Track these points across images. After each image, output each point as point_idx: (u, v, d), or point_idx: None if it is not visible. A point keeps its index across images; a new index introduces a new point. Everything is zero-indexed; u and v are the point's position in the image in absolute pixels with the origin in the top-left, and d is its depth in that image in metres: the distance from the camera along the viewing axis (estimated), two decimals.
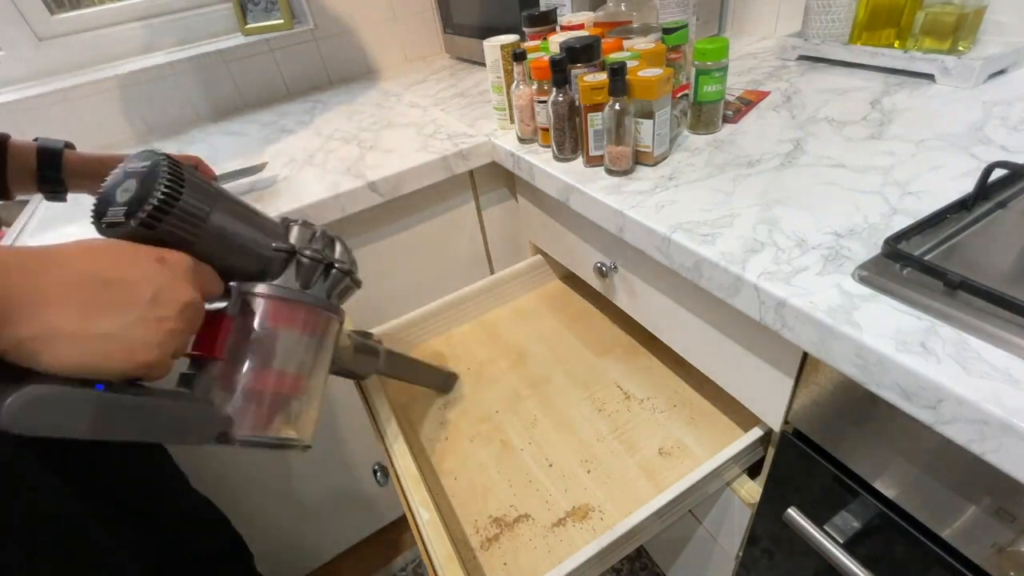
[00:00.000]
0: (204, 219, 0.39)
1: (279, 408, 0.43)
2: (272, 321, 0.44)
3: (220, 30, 1.27)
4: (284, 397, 0.44)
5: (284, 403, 0.44)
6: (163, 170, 0.37)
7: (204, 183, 0.40)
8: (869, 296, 0.40)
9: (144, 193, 0.36)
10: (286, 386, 0.44)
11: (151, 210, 0.36)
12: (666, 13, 0.86)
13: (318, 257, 0.46)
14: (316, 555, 1.09)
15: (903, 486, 0.43)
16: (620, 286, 0.71)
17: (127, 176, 0.38)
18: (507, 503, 0.62)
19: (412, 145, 0.86)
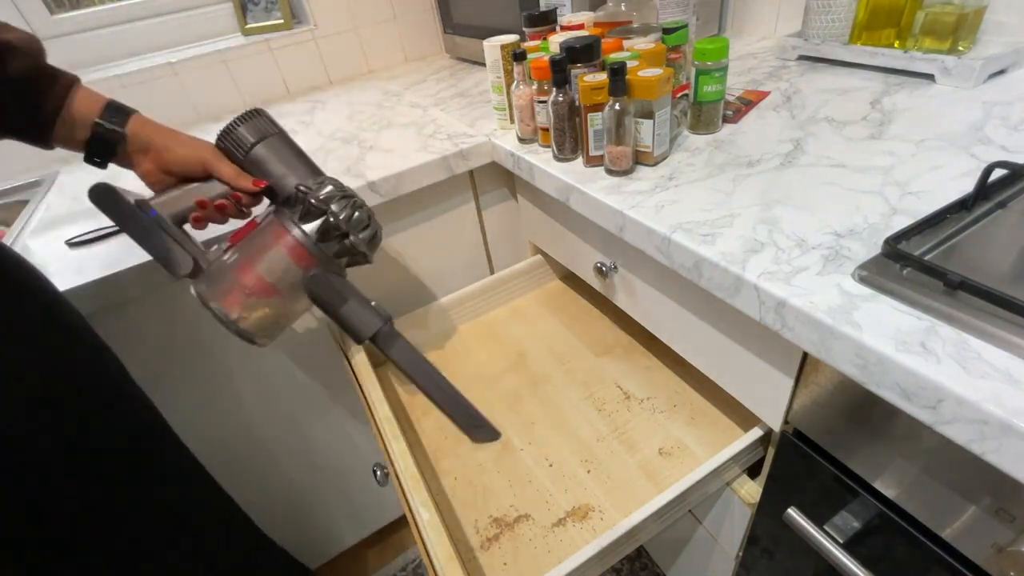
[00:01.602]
0: (247, 148, 0.59)
1: (244, 297, 0.56)
2: (271, 236, 0.58)
3: (220, 30, 1.27)
4: (251, 291, 0.56)
5: (249, 296, 0.56)
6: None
7: (263, 125, 0.61)
8: (869, 296, 0.40)
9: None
10: (258, 286, 0.57)
11: (220, 132, 0.60)
12: (666, 13, 0.86)
13: (322, 208, 0.57)
14: (316, 555, 1.09)
15: (903, 486, 0.43)
16: (620, 286, 0.71)
17: None
18: (507, 503, 0.62)
19: (412, 145, 0.86)
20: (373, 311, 0.61)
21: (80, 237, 0.74)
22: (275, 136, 0.61)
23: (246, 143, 0.59)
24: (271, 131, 0.61)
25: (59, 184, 1.00)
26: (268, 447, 0.92)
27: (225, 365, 0.81)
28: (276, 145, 0.61)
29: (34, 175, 1.06)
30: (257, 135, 0.60)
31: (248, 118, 0.59)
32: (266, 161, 0.59)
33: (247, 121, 0.60)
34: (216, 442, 0.83)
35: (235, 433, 0.87)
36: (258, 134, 0.60)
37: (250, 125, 0.60)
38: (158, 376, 0.72)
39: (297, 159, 0.62)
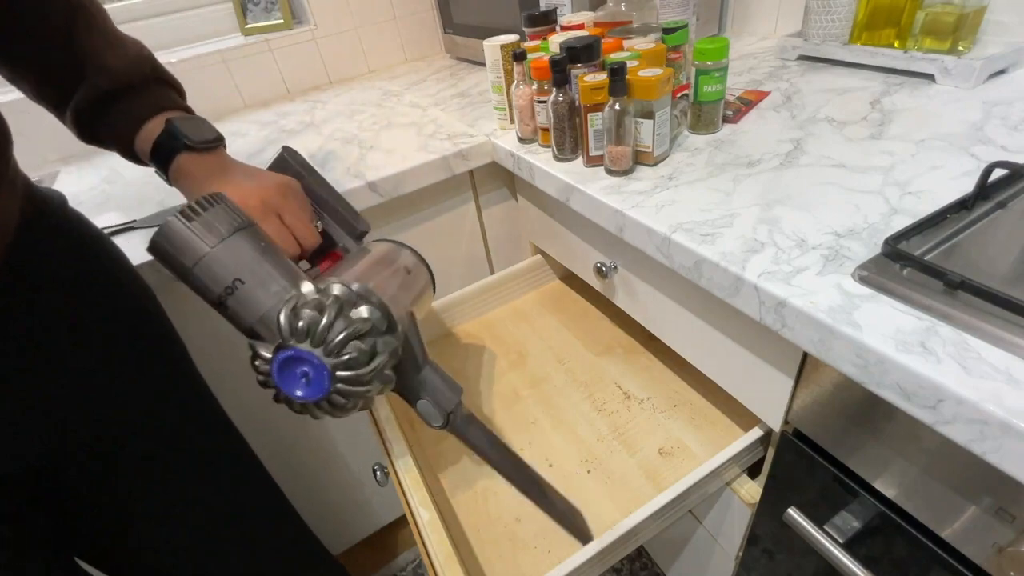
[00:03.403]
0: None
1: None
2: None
3: (220, 30, 1.27)
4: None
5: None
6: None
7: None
8: (869, 296, 0.40)
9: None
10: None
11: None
12: (666, 13, 0.86)
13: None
14: None
15: (903, 486, 0.43)
16: (620, 286, 0.71)
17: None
18: (507, 503, 0.62)
19: (412, 145, 0.86)
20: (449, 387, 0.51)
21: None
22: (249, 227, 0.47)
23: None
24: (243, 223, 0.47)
25: (59, 184, 1.00)
26: (267, 447, 0.92)
27: (224, 366, 0.81)
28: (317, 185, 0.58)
29: (34, 175, 1.06)
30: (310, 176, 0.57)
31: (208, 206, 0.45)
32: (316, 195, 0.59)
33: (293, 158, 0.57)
34: None
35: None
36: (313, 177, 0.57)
37: (311, 175, 0.57)
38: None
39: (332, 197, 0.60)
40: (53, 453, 0.48)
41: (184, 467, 0.59)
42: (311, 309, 0.41)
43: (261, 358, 0.42)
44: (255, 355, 0.43)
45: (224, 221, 0.43)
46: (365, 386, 0.43)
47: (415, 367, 0.50)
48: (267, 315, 0.42)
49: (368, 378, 0.43)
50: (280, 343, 0.41)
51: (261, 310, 0.43)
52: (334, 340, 0.41)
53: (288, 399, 0.43)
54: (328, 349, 0.41)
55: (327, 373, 0.41)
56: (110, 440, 0.52)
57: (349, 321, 0.42)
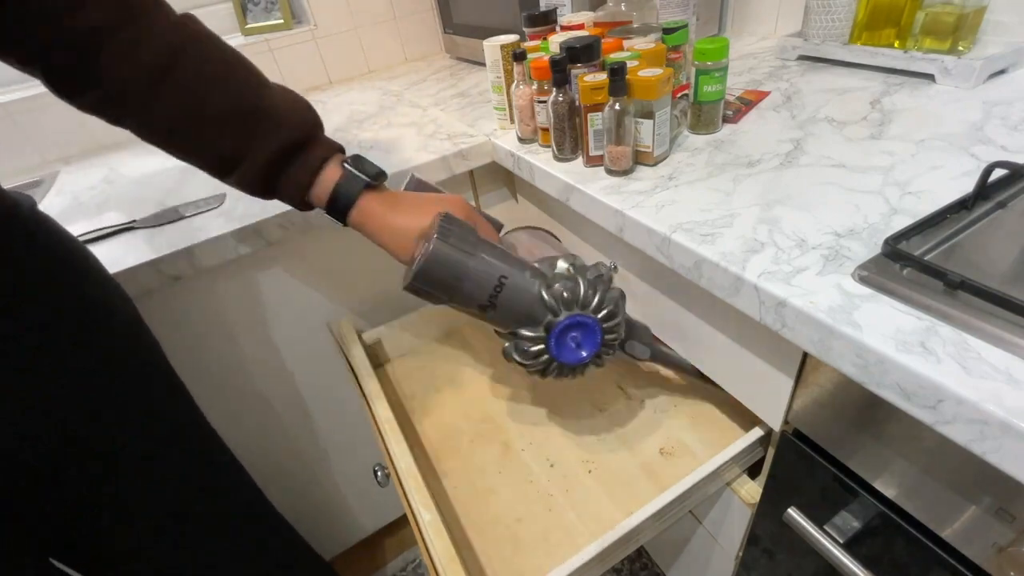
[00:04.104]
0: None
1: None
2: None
3: (220, 30, 1.27)
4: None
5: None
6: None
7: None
8: (869, 296, 0.40)
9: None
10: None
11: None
12: (666, 13, 0.86)
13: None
14: None
15: (903, 486, 0.43)
16: (620, 286, 0.71)
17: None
18: (508, 503, 0.62)
19: (412, 145, 0.86)
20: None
21: (80, 237, 0.74)
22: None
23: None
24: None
25: (59, 184, 1.00)
26: (268, 447, 0.92)
27: (225, 366, 0.81)
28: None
29: (34, 175, 1.06)
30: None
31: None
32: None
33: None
34: None
35: (234, 434, 0.86)
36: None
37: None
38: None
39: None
40: (53, 453, 0.48)
41: (181, 470, 0.59)
42: (563, 282, 0.48)
43: (532, 339, 0.48)
44: (523, 340, 0.48)
45: (471, 234, 0.49)
46: (618, 333, 0.51)
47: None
48: (532, 300, 0.48)
49: (620, 325, 0.51)
50: (550, 319, 0.47)
51: (526, 297, 0.48)
52: (595, 300, 0.48)
53: (564, 367, 0.50)
54: (592, 308, 0.48)
55: (597, 327, 0.49)
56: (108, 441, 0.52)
57: (595, 283, 0.49)
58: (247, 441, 0.89)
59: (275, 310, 0.81)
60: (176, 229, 0.73)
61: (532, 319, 0.48)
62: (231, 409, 0.85)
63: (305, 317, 0.84)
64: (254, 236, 0.72)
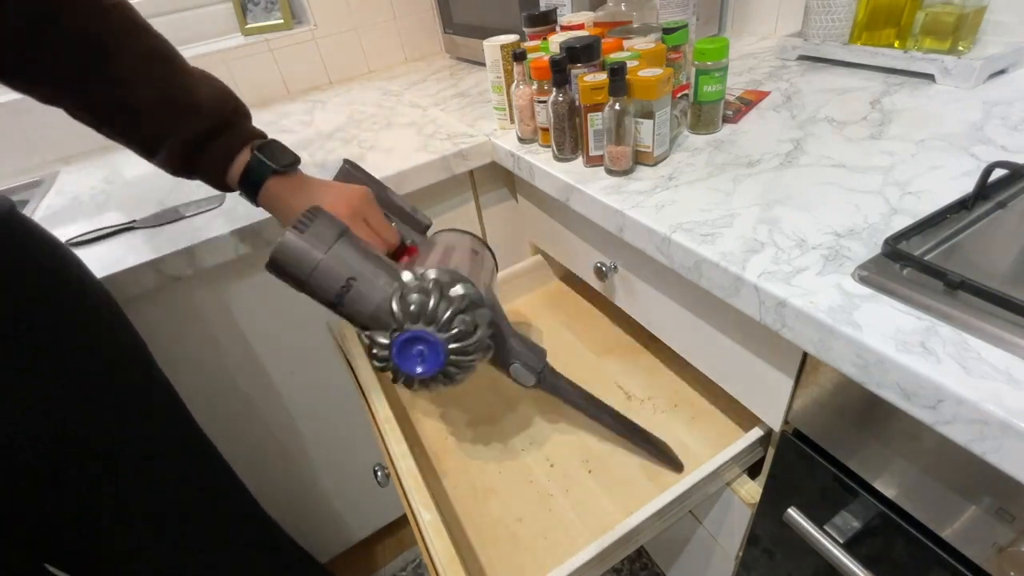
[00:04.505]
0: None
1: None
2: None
3: (220, 30, 1.27)
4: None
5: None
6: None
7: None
8: (869, 296, 0.40)
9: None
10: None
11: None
12: (666, 13, 0.86)
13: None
14: (316, 555, 1.09)
15: (903, 486, 0.43)
16: (620, 286, 0.71)
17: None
18: (508, 503, 0.62)
19: (412, 145, 0.86)
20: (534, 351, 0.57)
21: (80, 237, 0.74)
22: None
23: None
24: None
25: (59, 184, 1.00)
26: (268, 447, 0.92)
27: (226, 365, 0.81)
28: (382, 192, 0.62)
29: (34, 175, 1.06)
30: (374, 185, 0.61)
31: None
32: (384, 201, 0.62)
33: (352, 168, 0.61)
34: (215, 442, 0.83)
35: (235, 434, 0.87)
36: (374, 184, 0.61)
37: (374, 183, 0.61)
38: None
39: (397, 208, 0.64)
40: (53, 453, 0.48)
41: (180, 471, 0.59)
42: (417, 294, 0.46)
43: (379, 345, 0.47)
44: (373, 343, 0.48)
45: (329, 229, 0.48)
46: (472, 355, 0.49)
47: (503, 336, 0.55)
48: (380, 305, 0.47)
49: (474, 347, 0.48)
50: (395, 328, 0.46)
51: (375, 302, 0.47)
52: (443, 317, 0.46)
53: (408, 377, 0.48)
54: (439, 326, 0.46)
55: (441, 347, 0.47)
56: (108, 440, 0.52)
57: (451, 299, 0.47)
58: (247, 441, 0.89)
59: (275, 310, 0.81)
60: (176, 229, 0.73)
61: (381, 324, 0.48)
62: (231, 408, 0.85)
63: (305, 317, 0.84)
64: (254, 236, 0.72)
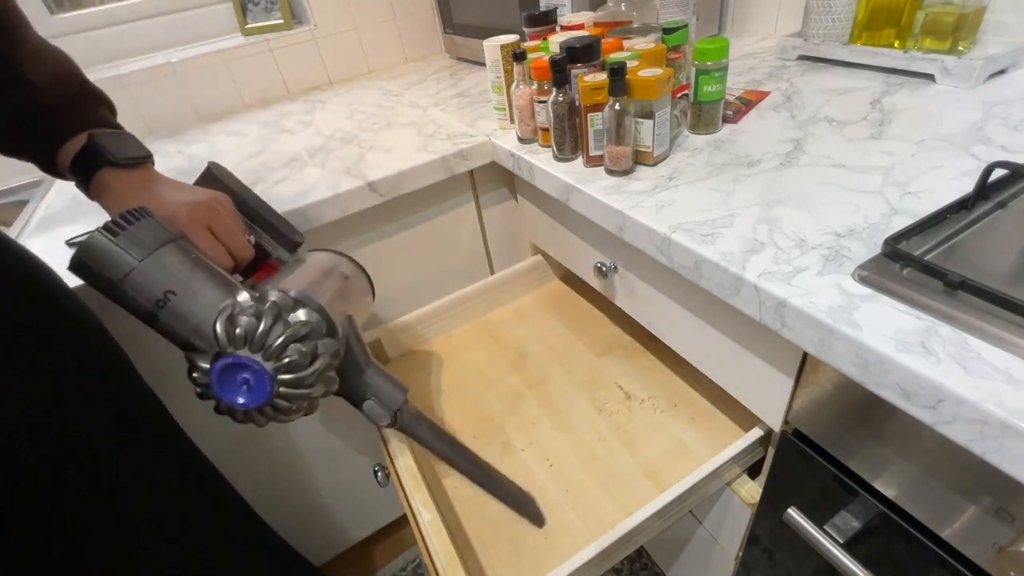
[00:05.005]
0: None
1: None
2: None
3: (220, 30, 1.27)
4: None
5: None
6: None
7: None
8: (869, 296, 0.40)
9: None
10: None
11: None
12: (666, 13, 0.86)
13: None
14: (316, 555, 1.09)
15: (903, 486, 0.43)
16: (620, 286, 0.71)
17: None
18: None
19: (412, 145, 0.86)
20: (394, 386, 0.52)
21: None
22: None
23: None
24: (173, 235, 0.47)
25: (59, 184, 1.00)
26: (268, 447, 0.92)
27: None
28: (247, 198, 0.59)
29: (34, 175, 1.06)
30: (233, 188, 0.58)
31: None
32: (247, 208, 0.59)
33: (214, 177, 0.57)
34: (216, 442, 0.83)
35: (235, 434, 0.87)
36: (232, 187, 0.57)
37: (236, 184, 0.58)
38: (157, 376, 0.72)
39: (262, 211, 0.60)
40: (53, 454, 0.48)
41: (181, 471, 0.59)
42: (249, 316, 0.41)
43: (199, 369, 0.42)
44: (192, 367, 0.42)
45: (150, 234, 0.43)
46: (307, 388, 0.43)
47: (358, 369, 0.50)
48: (201, 325, 0.42)
49: (310, 380, 0.43)
50: (217, 352, 0.41)
51: (194, 321, 0.42)
52: (273, 344, 0.41)
53: (230, 408, 0.43)
54: (268, 353, 0.41)
55: (268, 377, 0.41)
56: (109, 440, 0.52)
57: (287, 325, 0.42)
58: (247, 441, 0.89)
59: None
60: None
61: (203, 346, 0.42)
62: (216, 421, 0.85)
63: None
64: None
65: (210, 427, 0.83)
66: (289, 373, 0.42)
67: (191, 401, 0.79)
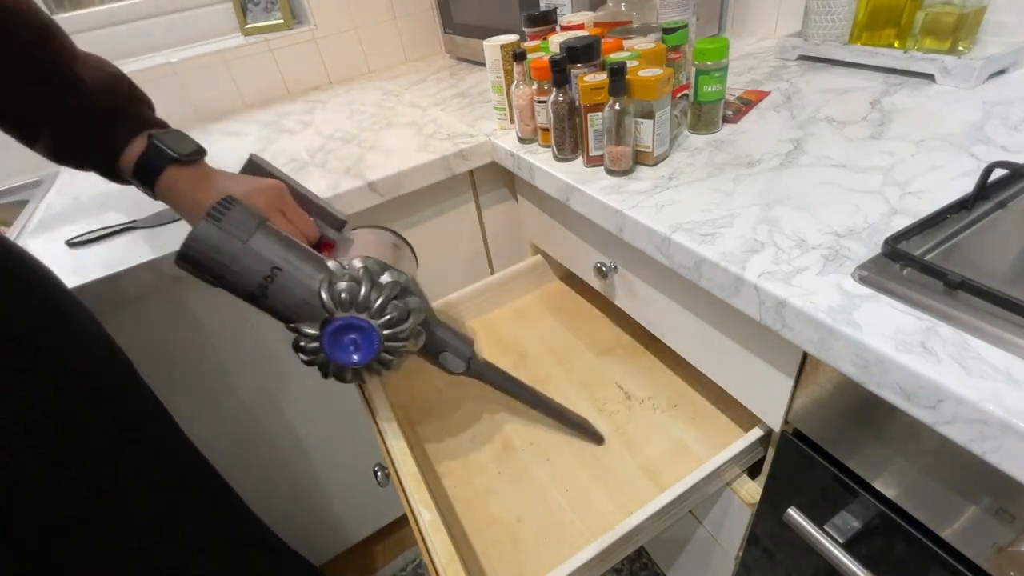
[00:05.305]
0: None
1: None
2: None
3: (220, 30, 1.27)
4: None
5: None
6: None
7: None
8: (869, 296, 0.40)
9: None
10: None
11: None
12: (666, 13, 0.86)
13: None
14: (316, 555, 1.09)
15: (903, 486, 0.43)
16: (620, 286, 0.71)
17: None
18: (508, 503, 0.62)
19: (412, 145, 0.86)
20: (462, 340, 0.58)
21: (80, 237, 0.74)
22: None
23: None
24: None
25: (59, 184, 1.00)
26: (268, 447, 0.92)
27: (226, 366, 0.81)
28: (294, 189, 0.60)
29: (34, 175, 1.06)
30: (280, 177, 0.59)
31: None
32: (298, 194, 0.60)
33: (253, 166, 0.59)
34: (216, 442, 0.83)
35: (236, 434, 0.87)
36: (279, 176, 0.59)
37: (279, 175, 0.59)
38: (158, 376, 0.72)
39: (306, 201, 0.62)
40: (53, 454, 0.48)
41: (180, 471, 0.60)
42: (347, 282, 0.46)
43: (307, 337, 0.46)
44: (300, 336, 0.47)
45: (248, 218, 0.46)
46: (405, 341, 0.49)
47: (431, 325, 0.56)
48: (307, 295, 0.46)
49: (407, 334, 0.49)
50: (325, 317, 0.46)
51: (300, 292, 0.46)
52: (375, 304, 0.46)
53: (340, 369, 0.48)
54: (372, 312, 0.46)
55: (375, 334, 0.47)
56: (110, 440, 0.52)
57: (382, 287, 0.47)
58: (247, 440, 0.89)
59: None
60: (176, 229, 0.73)
61: (310, 315, 0.46)
62: (231, 408, 0.85)
63: None
64: None
65: (210, 427, 0.83)
66: (391, 328, 0.47)
67: (191, 401, 0.79)
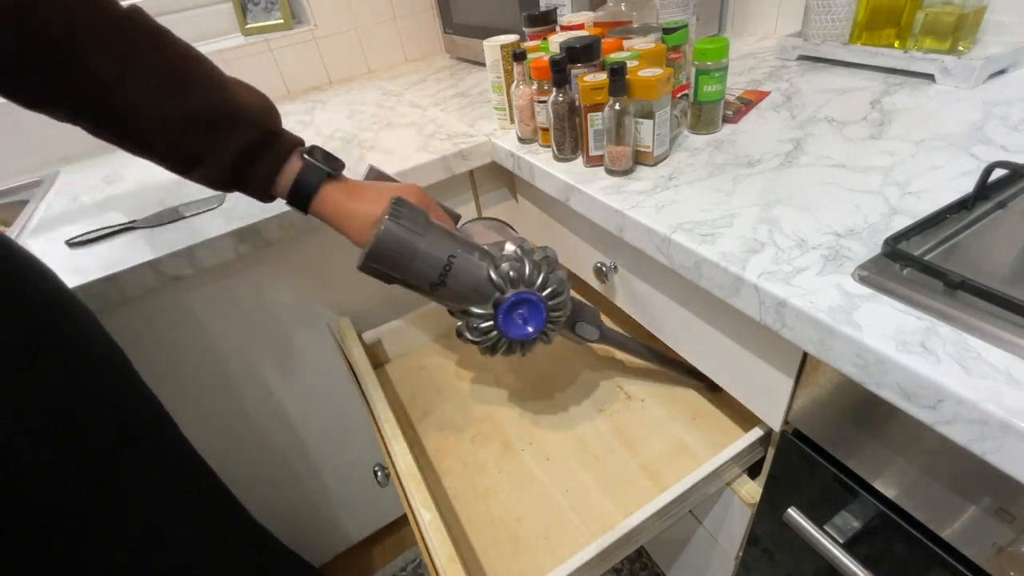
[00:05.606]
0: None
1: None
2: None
3: (220, 30, 1.27)
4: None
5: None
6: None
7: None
8: (869, 296, 0.40)
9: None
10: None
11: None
12: (666, 13, 0.86)
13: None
14: (316, 555, 1.09)
15: (903, 486, 0.43)
16: (620, 286, 0.71)
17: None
18: (508, 503, 0.62)
19: (412, 145, 0.86)
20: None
21: (80, 237, 0.74)
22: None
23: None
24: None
25: (59, 184, 1.00)
26: (268, 447, 0.92)
27: (226, 365, 0.81)
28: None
29: (34, 175, 1.06)
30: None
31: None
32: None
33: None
34: (216, 442, 0.83)
35: (236, 433, 0.87)
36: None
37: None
38: (157, 376, 0.72)
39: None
40: (53, 454, 0.48)
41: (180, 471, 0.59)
42: (510, 263, 0.51)
43: (478, 317, 0.51)
44: (473, 317, 0.51)
45: (420, 215, 0.50)
46: (562, 312, 0.54)
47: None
48: (479, 279, 0.50)
49: (563, 303, 0.53)
50: (497, 297, 0.50)
51: (472, 276, 0.50)
52: (537, 280, 0.51)
53: (512, 344, 0.52)
54: (537, 286, 0.51)
55: (543, 305, 0.52)
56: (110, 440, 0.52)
57: (538, 263, 0.52)
58: (247, 440, 0.89)
59: (275, 310, 0.81)
60: (176, 229, 0.73)
61: (481, 297, 0.51)
62: (231, 408, 0.85)
63: (305, 317, 0.84)
64: (254, 236, 0.72)
65: (210, 427, 0.83)
66: (554, 298, 0.52)
67: (191, 401, 0.79)
